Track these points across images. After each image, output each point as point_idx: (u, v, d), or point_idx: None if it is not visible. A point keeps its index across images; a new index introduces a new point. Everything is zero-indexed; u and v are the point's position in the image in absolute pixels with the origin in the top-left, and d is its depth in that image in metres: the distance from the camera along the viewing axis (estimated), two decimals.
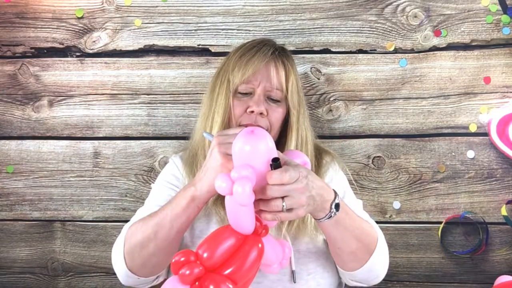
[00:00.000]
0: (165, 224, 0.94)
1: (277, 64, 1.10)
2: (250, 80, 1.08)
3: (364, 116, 1.46)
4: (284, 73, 1.10)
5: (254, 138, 0.78)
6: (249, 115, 1.07)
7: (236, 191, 0.74)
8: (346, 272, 1.03)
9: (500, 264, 1.44)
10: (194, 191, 0.92)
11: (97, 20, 1.49)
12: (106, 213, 1.50)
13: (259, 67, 1.08)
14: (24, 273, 1.53)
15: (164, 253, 0.98)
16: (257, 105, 1.06)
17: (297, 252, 1.04)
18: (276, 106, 1.09)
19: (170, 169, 1.17)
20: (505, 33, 1.43)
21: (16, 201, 1.52)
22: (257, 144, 0.78)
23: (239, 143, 0.78)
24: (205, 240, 0.81)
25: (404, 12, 1.45)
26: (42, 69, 1.51)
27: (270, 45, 1.12)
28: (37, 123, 1.51)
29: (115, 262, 1.03)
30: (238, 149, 0.78)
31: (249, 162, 0.77)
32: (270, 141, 0.80)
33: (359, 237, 0.96)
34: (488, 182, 1.44)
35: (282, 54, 1.13)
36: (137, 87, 1.49)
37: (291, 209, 0.81)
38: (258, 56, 1.08)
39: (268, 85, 1.08)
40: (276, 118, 1.09)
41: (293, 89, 1.10)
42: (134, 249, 0.98)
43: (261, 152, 0.78)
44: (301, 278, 1.02)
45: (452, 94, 1.44)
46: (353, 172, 1.45)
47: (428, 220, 1.45)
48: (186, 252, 0.79)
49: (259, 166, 0.78)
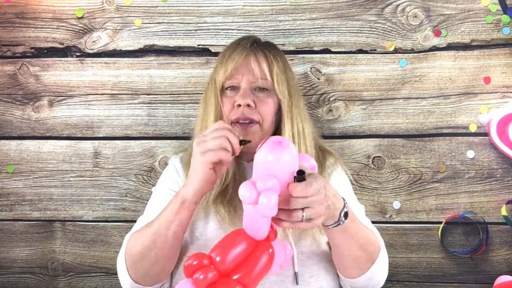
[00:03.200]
0: (161, 232, 0.95)
1: (257, 54, 1.11)
2: (233, 74, 1.10)
3: (364, 116, 1.46)
4: (266, 62, 1.10)
5: (280, 148, 0.77)
6: (237, 109, 1.08)
7: (262, 203, 0.74)
8: (346, 279, 1.04)
9: (500, 264, 1.44)
10: (182, 192, 0.93)
11: (97, 20, 1.49)
12: (106, 213, 1.50)
13: (240, 61, 1.09)
14: (24, 273, 1.53)
15: (165, 260, 0.99)
16: (243, 98, 1.07)
17: (300, 253, 1.04)
18: (264, 96, 1.10)
19: (170, 174, 1.17)
20: (505, 33, 1.43)
21: (16, 201, 1.52)
22: (282, 155, 0.77)
23: (264, 152, 0.77)
24: (219, 244, 0.81)
25: (404, 12, 1.45)
26: (42, 69, 1.51)
27: (250, 39, 1.15)
28: (37, 123, 1.51)
29: (120, 275, 1.04)
30: (262, 158, 0.77)
31: (272, 172, 0.77)
32: (294, 151, 0.79)
33: (363, 246, 0.97)
34: (488, 182, 1.44)
35: (263, 45, 1.14)
36: (137, 87, 1.49)
37: (310, 219, 0.81)
38: (237, 51, 1.11)
39: (251, 76, 1.09)
40: (266, 109, 1.09)
41: (279, 78, 1.10)
42: (135, 260, 0.99)
43: (285, 163, 0.78)
44: (304, 280, 1.02)
45: (452, 94, 1.44)
46: (353, 172, 1.45)
47: (428, 220, 1.45)
48: (199, 256, 0.78)
49: (282, 176, 0.78)
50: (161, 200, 1.11)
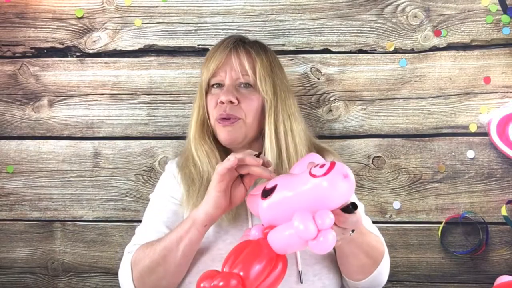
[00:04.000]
0: (172, 248, 0.96)
1: (239, 51, 1.11)
2: (217, 72, 1.11)
3: (364, 116, 1.46)
4: (248, 59, 1.10)
5: (347, 183, 0.75)
6: (220, 106, 1.09)
7: (319, 241, 0.73)
8: (350, 281, 1.05)
9: (500, 264, 1.44)
10: (194, 213, 0.95)
11: (97, 20, 1.49)
12: (106, 213, 1.50)
13: (222, 58, 1.10)
14: (24, 273, 1.53)
15: (173, 276, 0.99)
16: (225, 95, 1.08)
17: (304, 252, 1.04)
18: (248, 93, 1.10)
19: (168, 180, 1.16)
20: (505, 33, 1.43)
21: (16, 201, 1.52)
22: (346, 190, 0.76)
23: (330, 182, 0.75)
24: (244, 259, 0.78)
25: (404, 12, 1.45)
26: (42, 69, 1.51)
27: (234, 37, 1.15)
28: (37, 123, 1.51)
29: (126, 286, 1.03)
30: (325, 187, 0.75)
31: (327, 201, 0.75)
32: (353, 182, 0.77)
33: (369, 253, 0.98)
34: (488, 182, 1.44)
35: (248, 43, 1.15)
36: (137, 87, 1.49)
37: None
38: (220, 49, 1.12)
39: (233, 73, 1.10)
40: (249, 105, 1.09)
41: (262, 74, 1.10)
42: (143, 274, 0.99)
43: (343, 199, 0.77)
44: (307, 279, 1.02)
45: (452, 94, 1.44)
46: (353, 172, 1.43)
47: (428, 220, 1.45)
48: (227, 276, 0.75)
49: (333, 206, 0.77)
50: (160, 208, 1.11)
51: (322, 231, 0.73)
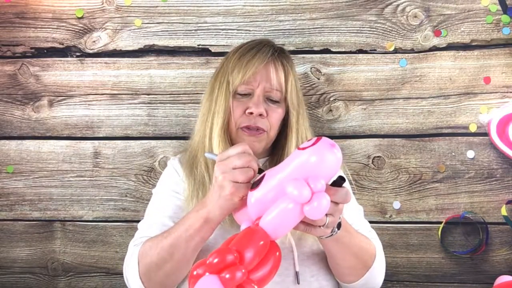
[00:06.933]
0: (180, 245, 0.94)
1: (277, 65, 1.10)
2: (250, 81, 1.08)
3: (364, 116, 1.46)
4: (283, 74, 1.10)
5: (333, 151, 0.76)
6: (248, 117, 1.07)
7: (313, 205, 0.73)
8: (343, 283, 1.05)
9: (500, 264, 1.44)
10: (207, 213, 0.92)
11: (97, 20, 1.49)
12: (106, 213, 1.50)
13: (259, 68, 1.08)
14: (24, 273, 1.53)
15: (181, 271, 0.99)
16: (257, 107, 1.06)
17: (301, 253, 1.04)
18: (275, 107, 1.10)
19: (171, 176, 1.15)
20: (505, 33, 1.43)
21: (16, 201, 1.52)
22: (333, 157, 0.76)
23: (317, 152, 0.75)
24: (239, 240, 0.77)
25: (404, 12, 1.45)
26: (42, 69, 1.51)
27: (269, 45, 1.13)
28: (37, 123, 1.51)
29: (132, 283, 1.02)
30: (316, 158, 0.75)
31: (317, 173, 0.75)
32: (340, 154, 0.78)
33: (357, 254, 0.98)
34: (488, 182, 1.44)
35: (281, 55, 1.13)
36: (137, 87, 1.49)
37: (327, 226, 0.82)
38: (258, 57, 1.09)
39: (268, 86, 1.08)
40: (276, 118, 1.09)
41: (292, 89, 1.10)
42: (149, 270, 0.98)
43: (333, 167, 0.77)
44: (304, 280, 1.02)
45: (452, 94, 1.44)
46: (353, 172, 1.45)
47: (428, 220, 1.45)
48: (223, 252, 0.74)
49: (322, 177, 0.77)
50: (164, 203, 1.11)
51: (315, 194, 0.73)
